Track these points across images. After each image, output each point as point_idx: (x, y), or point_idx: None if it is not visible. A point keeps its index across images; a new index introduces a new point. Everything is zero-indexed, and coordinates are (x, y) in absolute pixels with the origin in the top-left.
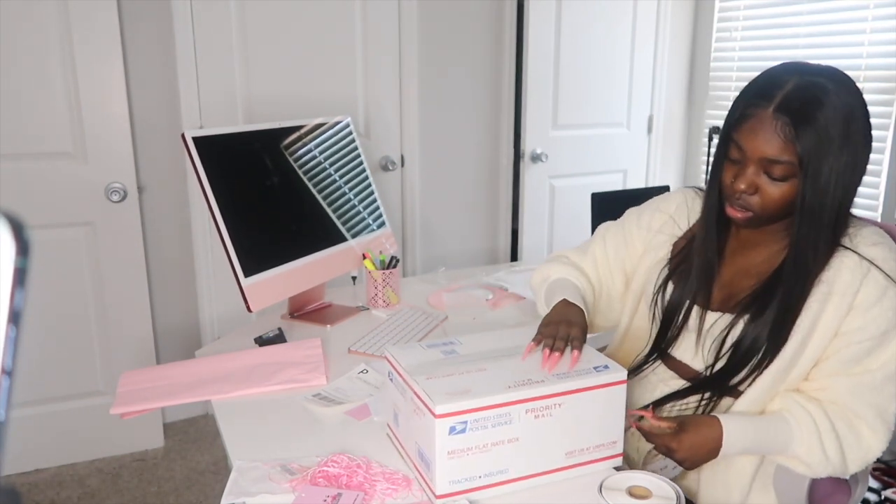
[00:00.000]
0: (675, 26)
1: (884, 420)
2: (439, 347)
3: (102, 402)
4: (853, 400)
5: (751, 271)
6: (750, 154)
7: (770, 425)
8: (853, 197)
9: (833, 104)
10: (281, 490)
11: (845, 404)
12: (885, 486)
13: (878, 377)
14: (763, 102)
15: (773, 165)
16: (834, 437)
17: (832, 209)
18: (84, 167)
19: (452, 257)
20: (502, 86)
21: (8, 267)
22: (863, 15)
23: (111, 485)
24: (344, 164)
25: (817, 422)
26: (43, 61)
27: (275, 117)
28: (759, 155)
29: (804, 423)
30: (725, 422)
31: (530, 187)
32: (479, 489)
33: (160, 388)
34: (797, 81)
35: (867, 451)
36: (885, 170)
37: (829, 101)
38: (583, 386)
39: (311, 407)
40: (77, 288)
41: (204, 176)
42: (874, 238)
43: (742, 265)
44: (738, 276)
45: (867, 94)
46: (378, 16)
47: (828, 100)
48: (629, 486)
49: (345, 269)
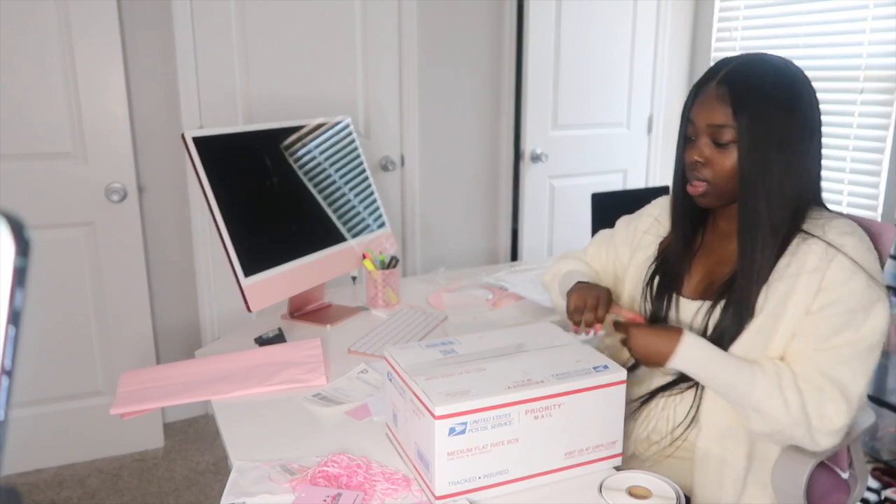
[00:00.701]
0: (675, 26)
1: (847, 397)
2: (438, 347)
3: (102, 402)
4: (819, 374)
5: (727, 259)
6: (699, 125)
7: (733, 361)
8: (811, 184)
9: (772, 75)
10: (281, 490)
11: (812, 377)
12: (884, 485)
13: (845, 354)
14: (709, 79)
15: (718, 132)
16: (796, 392)
17: (779, 185)
18: (84, 167)
19: (452, 257)
20: (502, 86)
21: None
22: (863, 15)
23: (111, 485)
24: (344, 165)
25: (781, 373)
26: (43, 61)
27: (275, 117)
28: (706, 123)
29: (769, 371)
30: (688, 334)
31: (530, 187)
32: (478, 490)
33: (160, 388)
34: (742, 58)
35: (830, 421)
36: (885, 170)
37: (768, 72)
38: (582, 386)
39: (311, 407)
40: (77, 288)
41: (204, 176)
42: (844, 228)
43: (720, 254)
44: (717, 265)
45: (867, 93)
46: (378, 16)
47: (767, 71)
48: (629, 486)
49: (345, 269)
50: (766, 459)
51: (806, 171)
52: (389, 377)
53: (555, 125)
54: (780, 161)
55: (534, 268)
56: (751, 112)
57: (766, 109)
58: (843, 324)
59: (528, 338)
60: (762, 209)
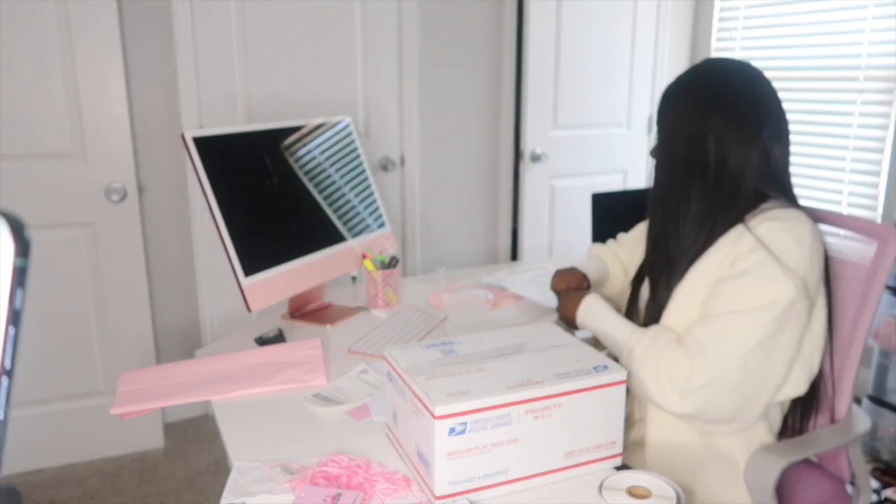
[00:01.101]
0: (675, 26)
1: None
2: (438, 347)
3: (102, 402)
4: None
5: None
6: None
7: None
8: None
9: (693, 75)
10: (281, 490)
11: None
12: (884, 485)
13: (720, 322)
14: None
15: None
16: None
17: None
18: (84, 167)
19: (452, 257)
20: (502, 86)
21: (8, 267)
22: (863, 15)
23: (111, 485)
24: (344, 165)
25: (659, 335)
26: (43, 61)
27: (275, 117)
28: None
29: (650, 333)
30: (591, 296)
31: (530, 187)
32: (478, 490)
33: (160, 388)
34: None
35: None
36: (885, 170)
37: (689, 73)
38: (582, 386)
39: (311, 407)
40: (77, 288)
41: (204, 176)
42: (771, 215)
43: None
44: None
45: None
46: (378, 16)
47: (690, 72)
48: (629, 486)
49: (345, 269)
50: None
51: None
52: (389, 377)
53: (555, 125)
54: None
55: (534, 268)
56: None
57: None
58: (728, 294)
59: (528, 338)
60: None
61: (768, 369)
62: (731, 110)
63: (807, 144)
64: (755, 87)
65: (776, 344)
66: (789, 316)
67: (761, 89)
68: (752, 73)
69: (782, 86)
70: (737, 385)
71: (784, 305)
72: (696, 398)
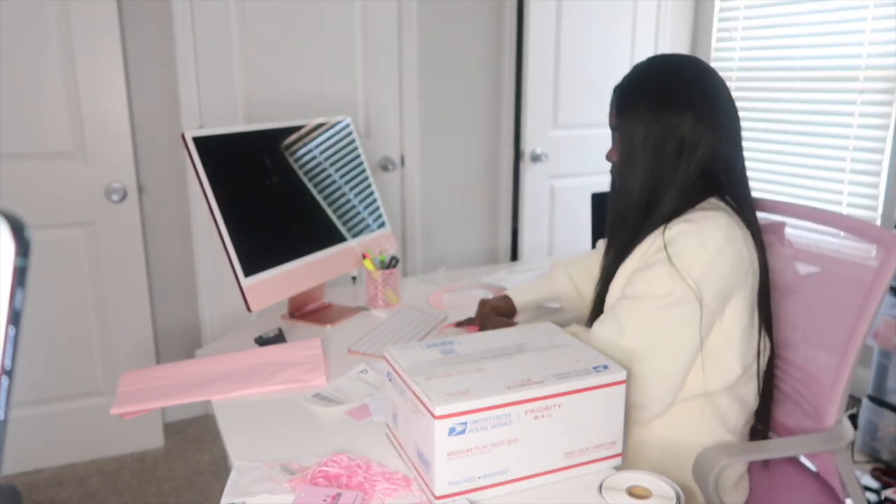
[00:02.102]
0: (675, 26)
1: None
2: (438, 347)
3: (102, 402)
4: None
5: None
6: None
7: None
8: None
9: (645, 72)
10: (281, 490)
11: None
12: (884, 486)
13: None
14: None
15: (614, 132)
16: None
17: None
18: (84, 167)
19: (452, 257)
20: (502, 86)
21: (8, 267)
22: (863, 15)
23: (111, 485)
24: (344, 165)
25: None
26: (43, 61)
27: (275, 117)
28: (610, 125)
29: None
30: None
31: (530, 187)
32: (478, 490)
33: (160, 388)
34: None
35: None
36: (885, 170)
37: (641, 71)
38: (582, 386)
39: (311, 407)
40: (77, 288)
41: (204, 176)
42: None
43: None
44: None
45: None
46: (378, 16)
47: (642, 69)
48: (629, 486)
49: (345, 269)
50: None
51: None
52: (389, 377)
53: (555, 125)
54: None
55: (534, 268)
56: (624, 110)
57: (635, 108)
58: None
59: (528, 338)
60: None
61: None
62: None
63: (807, 144)
64: (710, 79)
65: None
66: (678, 310)
67: (713, 80)
68: (704, 65)
69: (782, 86)
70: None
71: (672, 300)
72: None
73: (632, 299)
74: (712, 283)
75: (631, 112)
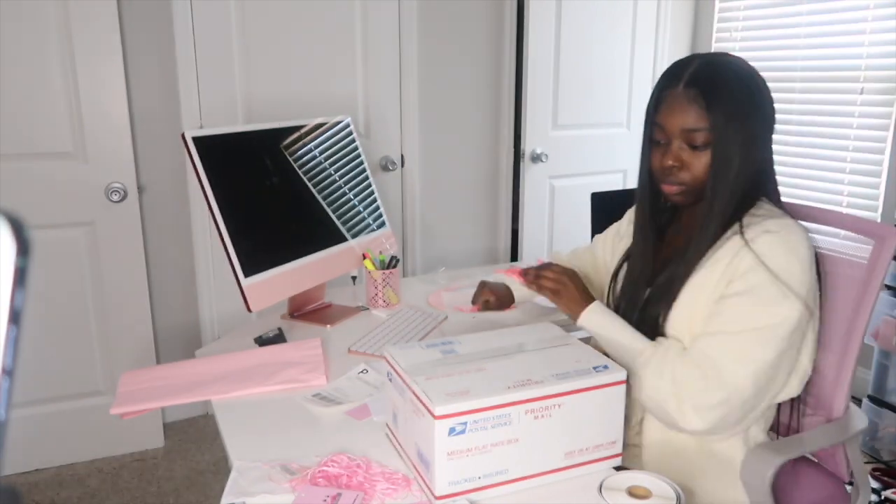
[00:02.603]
0: (675, 26)
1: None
2: (438, 347)
3: (102, 402)
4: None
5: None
6: (671, 130)
7: (629, 332)
8: (765, 177)
9: (737, 74)
10: (281, 490)
11: (695, 356)
12: (885, 486)
13: (729, 339)
14: (673, 83)
15: (693, 135)
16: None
17: (742, 181)
18: (84, 167)
19: (452, 257)
20: (502, 86)
21: (8, 267)
22: (863, 15)
23: (111, 485)
24: (344, 164)
25: (669, 348)
26: (43, 61)
27: (275, 117)
28: (679, 128)
29: (661, 346)
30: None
31: (530, 187)
32: (478, 490)
33: (160, 388)
34: (700, 60)
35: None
36: (885, 170)
37: (732, 71)
38: (582, 386)
39: (311, 407)
40: (77, 288)
41: (204, 176)
42: (769, 226)
43: (679, 244)
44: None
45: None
46: (378, 16)
47: (731, 70)
48: (629, 486)
49: (345, 269)
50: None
51: (763, 165)
52: (389, 377)
53: (555, 125)
54: (745, 157)
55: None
56: (723, 112)
57: (735, 108)
58: (734, 312)
59: (528, 338)
60: (724, 205)
61: (775, 383)
62: (769, 114)
63: (807, 145)
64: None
65: (783, 360)
66: (796, 333)
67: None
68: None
69: (782, 86)
70: (747, 400)
71: (792, 324)
72: (711, 415)
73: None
74: (812, 296)
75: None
